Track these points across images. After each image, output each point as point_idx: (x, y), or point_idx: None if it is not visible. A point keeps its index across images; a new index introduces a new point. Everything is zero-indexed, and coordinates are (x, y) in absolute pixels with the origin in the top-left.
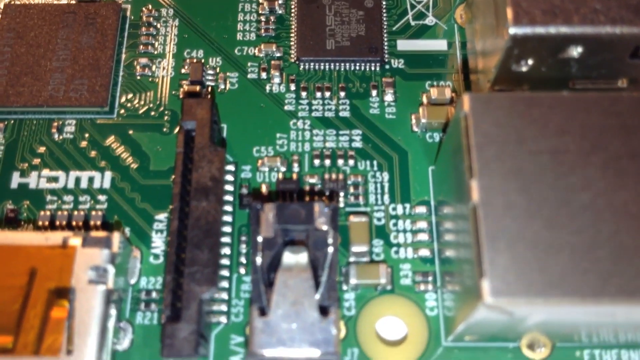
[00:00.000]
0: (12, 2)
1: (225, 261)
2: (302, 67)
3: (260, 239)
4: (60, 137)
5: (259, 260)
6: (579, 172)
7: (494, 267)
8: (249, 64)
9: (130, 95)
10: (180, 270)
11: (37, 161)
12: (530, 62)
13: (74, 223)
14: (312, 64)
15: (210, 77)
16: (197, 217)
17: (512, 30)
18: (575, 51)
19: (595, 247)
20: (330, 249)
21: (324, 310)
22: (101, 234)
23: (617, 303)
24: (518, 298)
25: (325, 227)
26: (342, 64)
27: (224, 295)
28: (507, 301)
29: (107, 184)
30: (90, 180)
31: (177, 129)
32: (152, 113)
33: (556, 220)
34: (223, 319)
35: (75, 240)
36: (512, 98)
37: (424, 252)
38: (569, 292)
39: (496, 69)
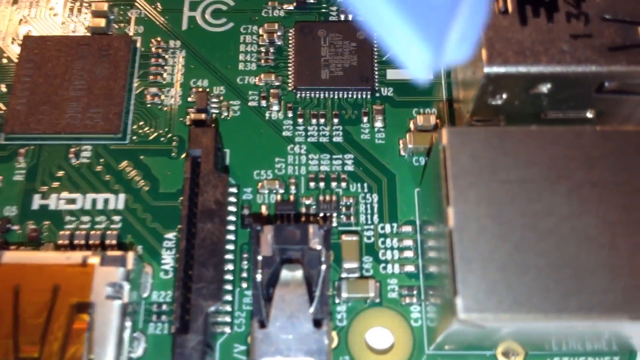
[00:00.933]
0: (31, 34)
1: (228, 276)
2: (299, 95)
3: (260, 257)
4: (77, 162)
5: (259, 277)
6: (545, 200)
7: (466, 286)
8: (250, 92)
9: (141, 123)
10: (189, 286)
11: (56, 184)
12: (504, 96)
13: (91, 242)
14: (308, 92)
15: (214, 105)
16: (203, 238)
17: (487, 70)
18: (545, 87)
19: (559, 268)
20: (323, 267)
21: (317, 323)
22: (117, 253)
23: (577, 319)
24: (488, 314)
25: (319, 247)
26: (336, 93)
27: (228, 308)
28: (478, 317)
29: (121, 205)
30: (106, 201)
31: (184, 156)
32: (162, 139)
33: (524, 243)
34: (227, 329)
35: (94, 259)
36: (486, 132)
37: (410, 268)
38: (533, 309)
39: (473, 102)
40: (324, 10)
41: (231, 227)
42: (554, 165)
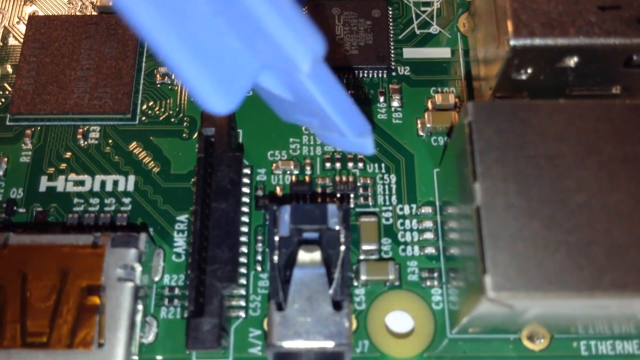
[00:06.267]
0: (37, 14)
1: (243, 259)
2: None
3: (277, 238)
4: (85, 143)
5: (276, 258)
6: (575, 175)
7: (495, 264)
8: None
9: (151, 103)
10: (203, 268)
11: (63, 166)
12: (529, 70)
13: (100, 224)
14: None
15: None
16: (217, 218)
17: (512, 42)
18: (572, 61)
19: (590, 245)
20: (343, 248)
21: (337, 305)
22: (129, 234)
23: (610, 297)
24: (518, 292)
25: (337, 227)
26: (351, 72)
27: (243, 292)
28: (507, 295)
29: (130, 187)
30: (115, 183)
31: (196, 135)
32: (172, 119)
33: (553, 220)
34: (242, 314)
35: (105, 241)
36: (512, 105)
37: (430, 250)
38: (565, 286)
39: (497, 77)
40: None
41: (245, 209)
42: (583, 140)
